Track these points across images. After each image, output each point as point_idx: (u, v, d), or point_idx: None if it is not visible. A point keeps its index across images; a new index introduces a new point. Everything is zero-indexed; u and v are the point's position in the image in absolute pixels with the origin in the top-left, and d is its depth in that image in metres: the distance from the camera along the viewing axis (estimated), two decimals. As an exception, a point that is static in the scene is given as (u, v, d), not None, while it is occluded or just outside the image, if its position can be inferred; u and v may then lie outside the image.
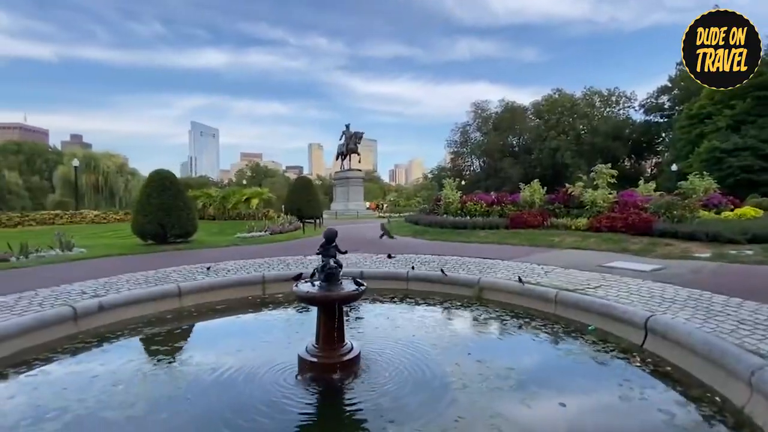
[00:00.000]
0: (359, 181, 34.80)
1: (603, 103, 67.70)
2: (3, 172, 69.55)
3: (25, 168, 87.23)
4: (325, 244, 4.48)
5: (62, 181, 66.31)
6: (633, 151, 65.85)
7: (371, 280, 8.45)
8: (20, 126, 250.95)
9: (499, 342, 5.30)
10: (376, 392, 3.83)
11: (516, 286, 7.10)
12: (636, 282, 6.51)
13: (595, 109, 67.52)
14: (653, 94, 60.80)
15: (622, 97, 65.90)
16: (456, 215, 14.81)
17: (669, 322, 4.68)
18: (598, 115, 66.51)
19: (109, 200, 65.40)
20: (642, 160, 68.75)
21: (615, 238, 10.32)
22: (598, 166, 13.58)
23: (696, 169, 37.54)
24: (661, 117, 60.88)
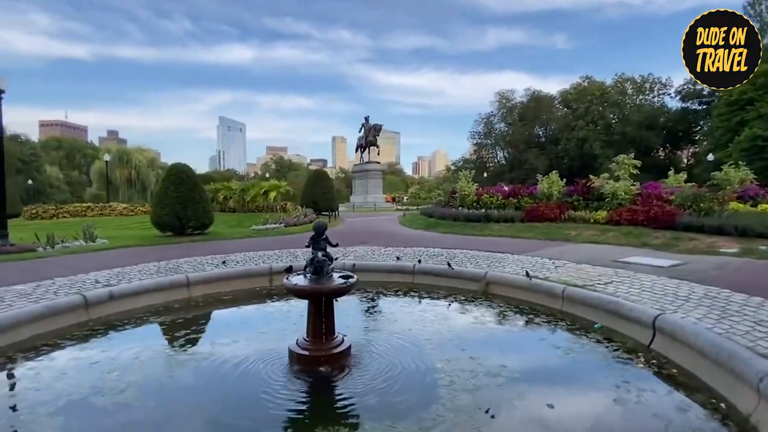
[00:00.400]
0: (378, 174, 34.63)
1: (636, 91, 64.60)
2: (45, 167, 73.40)
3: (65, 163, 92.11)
4: (315, 237, 4.45)
5: (98, 175, 69.51)
6: (668, 140, 62.71)
7: (377, 273, 8.54)
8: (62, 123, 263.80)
9: (497, 338, 5.14)
10: (361, 387, 3.78)
11: (523, 280, 6.89)
12: (650, 278, 6.17)
13: (627, 97, 64.53)
14: (691, 80, 57.34)
15: (656, 83, 62.64)
16: (471, 208, 14.51)
17: (677, 321, 4.40)
18: (630, 104, 63.55)
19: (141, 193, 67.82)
20: (677, 150, 65.42)
21: (635, 232, 9.82)
22: (620, 156, 12.92)
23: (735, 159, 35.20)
24: (699, 104, 57.49)
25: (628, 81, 63.84)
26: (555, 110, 70.51)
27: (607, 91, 63.82)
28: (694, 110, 58.70)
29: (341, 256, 9.28)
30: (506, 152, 73.97)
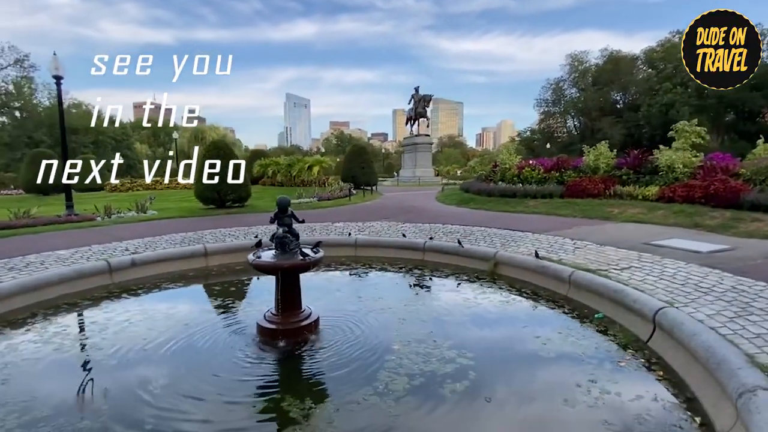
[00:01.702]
0: (427, 147, 33.57)
1: (740, 45, 54.93)
2: (135, 144, 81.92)
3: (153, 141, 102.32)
4: (278, 213, 4.44)
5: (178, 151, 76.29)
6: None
7: (388, 249, 8.45)
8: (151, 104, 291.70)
9: (477, 322, 4.82)
10: (313, 362, 3.82)
11: (532, 262, 6.37)
12: (677, 265, 5.35)
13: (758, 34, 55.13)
14: (817, 27, 47.46)
15: (766, 35, 52.64)
16: (512, 183, 13.60)
17: (677, 317, 3.78)
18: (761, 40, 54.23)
19: (214, 168, 72.64)
20: (791, 113, 55.38)
21: (689, 210, 8.49)
22: (680, 123, 11.06)
23: None
24: (825, 57, 47.52)
25: (731, 33, 54.34)
26: (637, 72, 62.77)
27: (702, 47, 55.02)
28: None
29: (356, 231, 9.29)
30: (577, 121, 68.02)
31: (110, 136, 66.21)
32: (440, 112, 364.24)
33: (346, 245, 8.59)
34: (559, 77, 67.94)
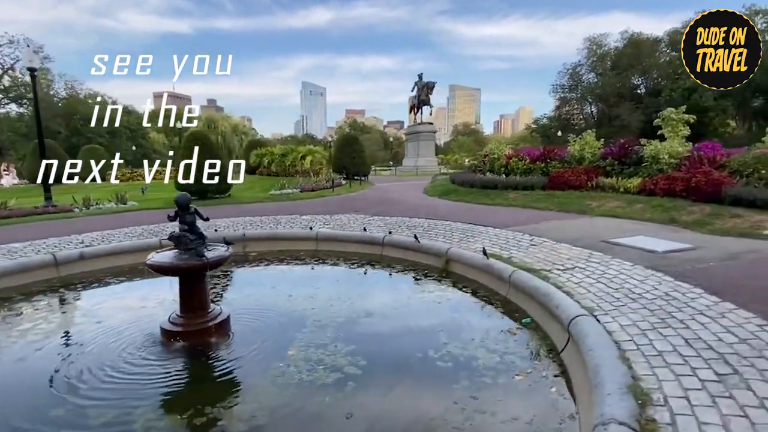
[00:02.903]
0: (430, 136, 32.76)
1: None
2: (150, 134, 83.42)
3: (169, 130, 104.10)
4: (179, 211, 4.26)
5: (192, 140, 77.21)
6: (813, 86, 49.92)
7: (347, 244, 8.24)
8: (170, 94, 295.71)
9: (394, 325, 4.58)
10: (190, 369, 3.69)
11: (479, 260, 6.06)
12: (622, 267, 4.95)
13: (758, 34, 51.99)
14: None
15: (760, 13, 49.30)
16: (499, 173, 13.11)
17: (584, 328, 3.45)
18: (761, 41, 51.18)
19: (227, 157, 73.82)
20: (828, 97, 52.06)
21: (668, 204, 7.90)
22: (666, 110, 10.29)
23: None
24: None
25: (761, 14, 51.07)
26: (659, 55, 59.89)
27: (729, 28, 51.95)
28: None
29: (322, 224, 9.10)
30: (594, 107, 65.66)
31: (125, 126, 67.56)
32: (457, 99, 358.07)
33: (307, 239, 8.42)
34: (577, 62, 65.44)
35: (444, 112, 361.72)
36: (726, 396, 2.33)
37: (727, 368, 2.60)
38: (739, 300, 3.60)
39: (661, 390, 2.46)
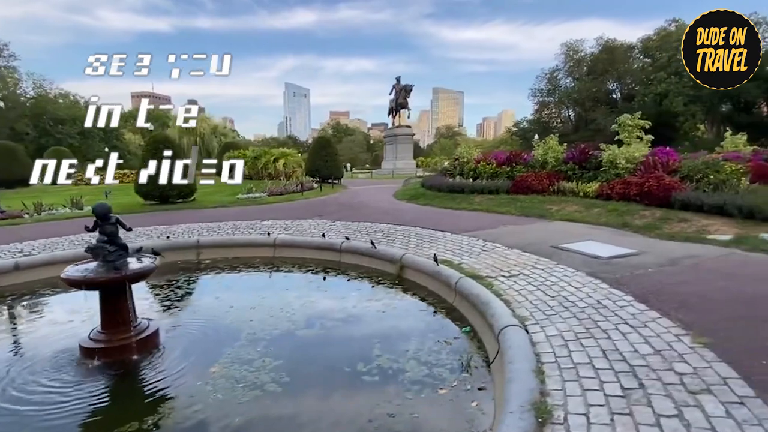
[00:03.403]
0: (408, 139, 32.81)
1: (738, 32, 53.59)
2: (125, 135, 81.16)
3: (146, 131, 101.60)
4: (98, 221, 4.03)
5: (168, 142, 75.40)
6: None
7: (305, 250, 8.07)
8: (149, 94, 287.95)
9: (330, 336, 4.45)
10: (131, 382, 3.52)
11: (430, 266, 5.99)
12: (565, 273, 4.95)
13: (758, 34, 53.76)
14: (814, 14, 46.19)
15: (761, 24, 51.29)
16: (468, 177, 13.15)
17: (509, 338, 3.40)
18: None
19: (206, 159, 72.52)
20: (792, 103, 54.22)
21: (623, 208, 8.03)
22: (623, 116, 10.52)
23: None
24: (824, 45, 46.37)
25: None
26: (633, 61, 61.56)
27: (698, 35, 53.74)
28: (814, 53, 47.66)
29: (282, 230, 8.91)
30: (571, 111, 67.00)
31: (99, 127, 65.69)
32: (440, 102, 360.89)
33: (264, 245, 8.22)
34: (554, 66, 66.71)
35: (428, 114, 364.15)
36: (625, 413, 2.28)
37: (634, 382, 2.56)
38: (665, 308, 3.61)
39: (564, 407, 2.40)
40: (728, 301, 3.69)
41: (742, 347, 2.85)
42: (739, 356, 2.73)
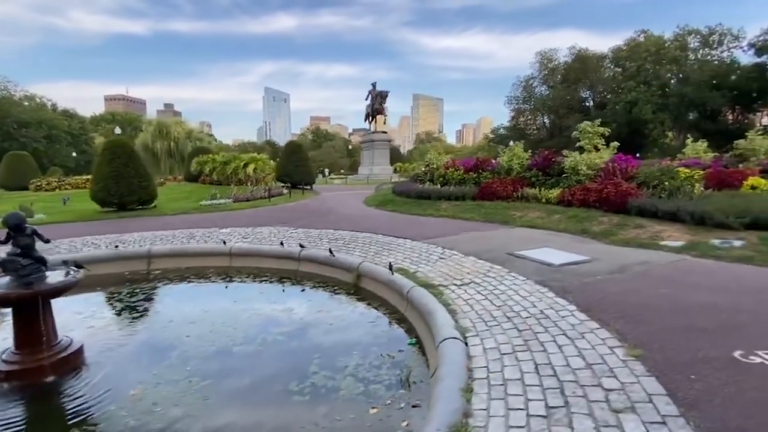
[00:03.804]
0: (384, 144, 32.77)
1: (701, 44, 56.14)
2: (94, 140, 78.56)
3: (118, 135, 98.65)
4: (10, 233, 3.70)
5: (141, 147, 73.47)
6: (738, 101, 54.40)
7: (263, 259, 7.80)
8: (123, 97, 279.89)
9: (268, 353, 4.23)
10: (44, 405, 3.23)
11: (385, 275, 5.83)
12: (515, 282, 4.87)
13: (689, 52, 56.33)
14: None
15: (726, 35, 53.90)
16: (438, 183, 13.13)
17: (445, 352, 3.26)
18: (692, 60, 55.54)
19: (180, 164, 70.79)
20: (750, 112, 56.83)
21: (583, 215, 8.10)
22: (583, 124, 10.73)
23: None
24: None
25: (693, 33, 55.44)
26: (604, 70, 63.55)
27: (664, 47, 56.05)
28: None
29: (240, 238, 8.60)
30: (546, 118, 68.54)
31: (66, 131, 63.20)
32: (420, 108, 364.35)
33: (220, 255, 7.90)
34: (529, 75, 68.23)
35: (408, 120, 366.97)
36: (544, 435, 2.15)
37: (560, 400, 2.45)
38: (605, 318, 3.54)
39: (485, 428, 2.26)
40: (667, 310, 3.66)
41: (672, 360, 2.78)
42: (669, 370, 2.66)
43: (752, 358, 2.68)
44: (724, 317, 3.45)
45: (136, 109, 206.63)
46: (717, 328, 3.23)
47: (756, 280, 4.51)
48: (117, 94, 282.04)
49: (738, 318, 3.43)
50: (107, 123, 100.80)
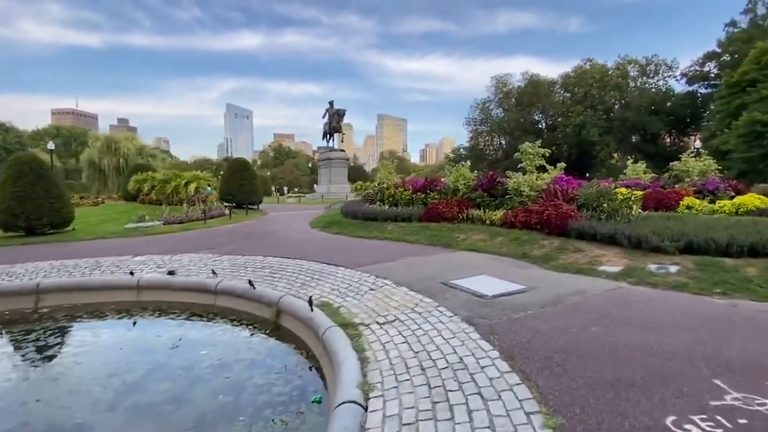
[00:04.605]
0: (342, 163, 32.28)
1: (640, 73, 60.81)
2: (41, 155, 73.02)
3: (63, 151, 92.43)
4: None
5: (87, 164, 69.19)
6: (674, 126, 58.98)
7: (177, 292, 6.85)
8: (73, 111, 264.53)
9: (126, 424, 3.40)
10: None
11: (303, 312, 5.15)
12: (441, 319, 4.34)
13: (630, 80, 60.78)
14: (697, 61, 53.48)
15: (661, 65, 58.67)
16: (388, 203, 12.67)
17: (339, 423, 2.61)
18: (633, 87, 59.89)
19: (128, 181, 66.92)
20: (685, 136, 61.68)
21: (525, 237, 7.85)
22: (524, 145, 10.76)
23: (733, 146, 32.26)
24: (707, 87, 53.74)
25: (632, 63, 59.96)
26: (554, 95, 67.19)
27: (607, 74, 60.16)
28: (700, 94, 55.14)
29: (154, 267, 7.62)
30: (503, 139, 71.06)
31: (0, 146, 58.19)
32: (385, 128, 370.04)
33: (125, 288, 6.89)
34: (486, 98, 70.90)
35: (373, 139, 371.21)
36: None
37: (452, 503, 1.86)
38: (527, 370, 3.04)
39: None
40: (596, 356, 3.23)
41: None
42: (590, 445, 2.16)
43: (687, 427, 2.23)
44: (656, 364, 3.04)
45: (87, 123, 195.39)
46: (648, 380, 2.80)
47: (690, 312, 4.22)
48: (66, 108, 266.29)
49: (671, 364, 3.03)
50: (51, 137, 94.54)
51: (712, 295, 4.71)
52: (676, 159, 14.74)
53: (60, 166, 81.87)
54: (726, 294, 4.68)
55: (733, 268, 5.24)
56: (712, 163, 13.60)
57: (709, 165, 13.46)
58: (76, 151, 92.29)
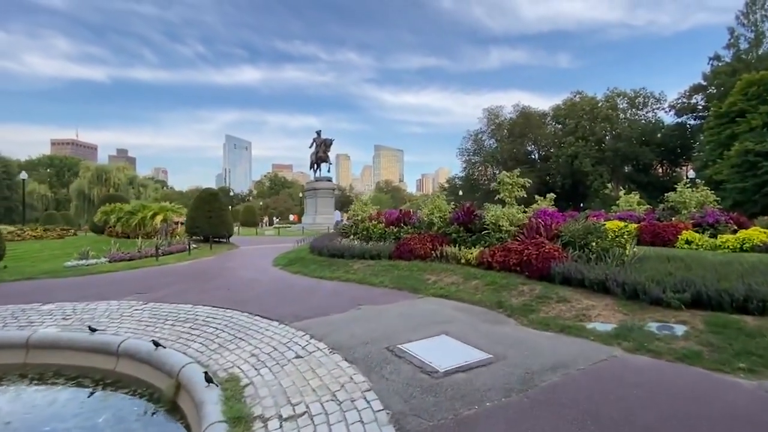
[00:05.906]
0: (328, 193, 31.26)
1: (629, 105, 61.64)
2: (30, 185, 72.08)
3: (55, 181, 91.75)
4: None
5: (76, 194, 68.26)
6: (665, 157, 59.20)
7: (74, 353, 5.55)
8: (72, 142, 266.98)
9: None
10: None
11: (200, 390, 3.88)
12: (358, 419, 3.11)
13: (619, 112, 61.52)
14: (684, 94, 54.23)
15: (649, 98, 59.52)
16: (360, 237, 11.56)
17: None
18: (623, 119, 60.51)
19: (119, 212, 65.57)
20: (676, 166, 61.85)
21: (502, 281, 6.66)
22: (502, 174, 9.77)
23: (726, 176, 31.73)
24: (695, 119, 54.26)
25: (620, 95, 60.83)
26: (546, 126, 67.85)
27: (597, 106, 60.88)
28: (689, 125, 55.65)
29: (60, 318, 6.35)
30: (496, 169, 71.02)
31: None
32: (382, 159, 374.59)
33: (11, 347, 5.60)
34: (479, 129, 71.58)
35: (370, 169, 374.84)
36: None
37: None
38: None
39: None
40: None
41: None
42: None
43: None
44: None
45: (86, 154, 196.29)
46: None
47: (709, 407, 3.02)
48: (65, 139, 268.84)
49: None
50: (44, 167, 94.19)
51: (735, 373, 3.52)
52: (669, 189, 13.88)
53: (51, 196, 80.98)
54: (754, 372, 3.49)
55: (756, 332, 4.07)
56: (711, 194, 12.68)
57: (707, 196, 12.52)
58: (69, 181, 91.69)
